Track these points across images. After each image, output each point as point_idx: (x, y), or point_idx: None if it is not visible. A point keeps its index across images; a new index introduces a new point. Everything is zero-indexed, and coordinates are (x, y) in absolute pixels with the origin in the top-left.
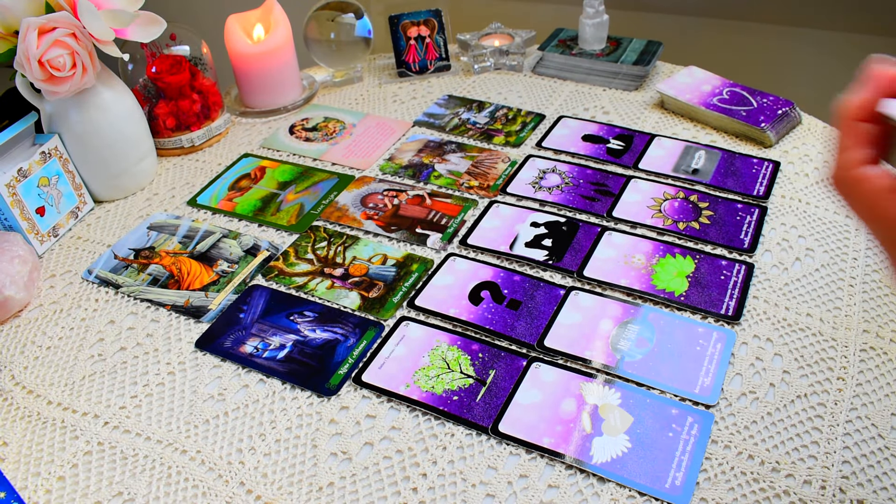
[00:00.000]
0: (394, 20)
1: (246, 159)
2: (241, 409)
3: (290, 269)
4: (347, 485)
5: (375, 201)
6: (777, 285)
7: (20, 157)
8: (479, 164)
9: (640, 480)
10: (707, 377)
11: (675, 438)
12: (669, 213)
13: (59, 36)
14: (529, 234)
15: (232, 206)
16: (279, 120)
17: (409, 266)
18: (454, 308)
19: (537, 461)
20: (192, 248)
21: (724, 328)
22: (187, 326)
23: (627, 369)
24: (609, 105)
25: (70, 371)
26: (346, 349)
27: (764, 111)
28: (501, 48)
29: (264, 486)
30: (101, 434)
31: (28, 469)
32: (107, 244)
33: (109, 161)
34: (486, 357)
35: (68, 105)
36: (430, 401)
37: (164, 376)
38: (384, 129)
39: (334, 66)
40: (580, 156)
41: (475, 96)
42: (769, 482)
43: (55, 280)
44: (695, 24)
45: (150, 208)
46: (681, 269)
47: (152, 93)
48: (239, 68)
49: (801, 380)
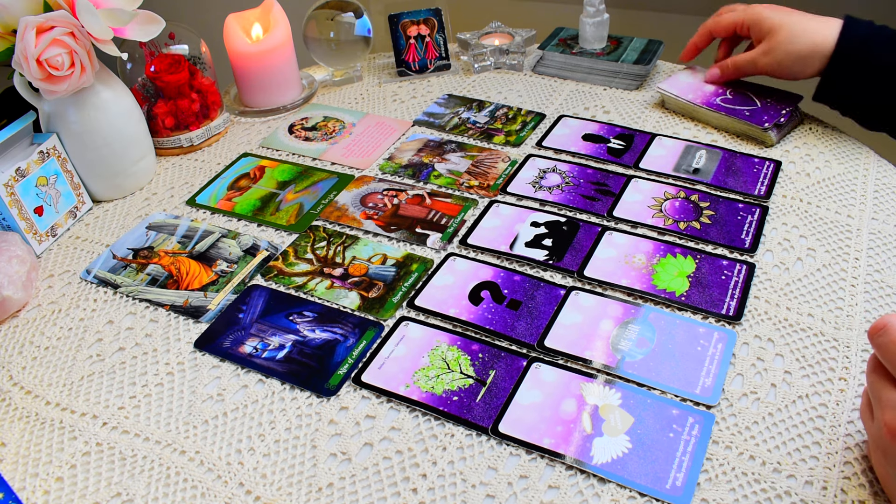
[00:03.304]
0: (393, 19)
1: (245, 159)
2: (241, 409)
3: (290, 269)
4: (347, 485)
5: (375, 201)
6: (778, 285)
7: (18, 156)
8: (479, 163)
9: (640, 481)
10: (708, 377)
11: (675, 439)
12: (670, 212)
13: (58, 35)
14: (530, 233)
15: (231, 205)
16: (278, 119)
17: (409, 266)
18: (454, 308)
19: (537, 462)
20: (191, 248)
21: (725, 328)
22: (186, 326)
23: (628, 369)
24: (609, 104)
25: (68, 371)
26: (345, 349)
27: (768, 111)
28: (501, 47)
29: (264, 487)
30: (100, 434)
31: (26, 470)
32: (105, 244)
33: (108, 160)
34: (486, 357)
35: (67, 104)
36: (429, 401)
37: (162, 377)
38: (384, 128)
39: (334, 65)
40: (581, 155)
41: (475, 95)
42: (770, 483)
43: (53, 280)
44: (696, 23)
45: (148, 208)
46: (681, 269)
47: (151, 92)
48: (238, 67)
49: (802, 380)
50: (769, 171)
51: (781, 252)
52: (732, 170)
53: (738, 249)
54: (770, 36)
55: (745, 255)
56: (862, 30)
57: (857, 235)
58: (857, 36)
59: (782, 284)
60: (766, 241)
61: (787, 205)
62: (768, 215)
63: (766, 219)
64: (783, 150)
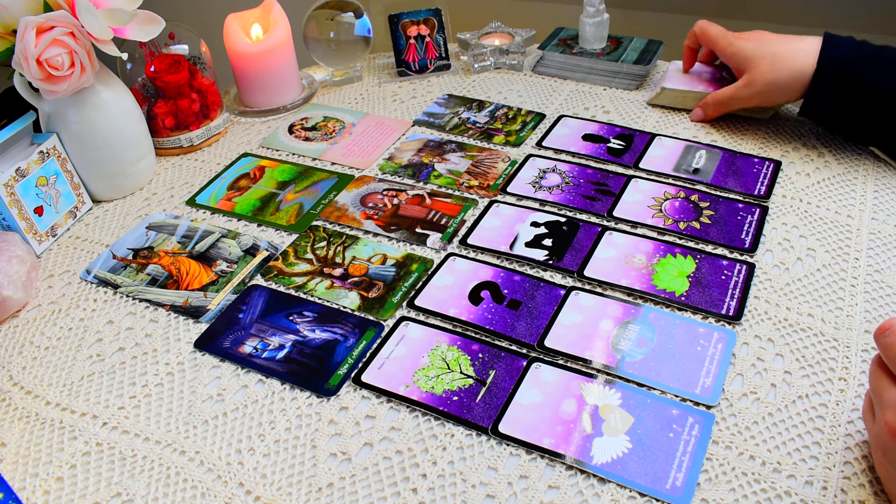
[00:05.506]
0: (393, 19)
1: (245, 159)
2: (241, 409)
3: (290, 269)
4: (347, 485)
5: (375, 201)
6: (778, 285)
7: (18, 156)
8: (479, 163)
9: (640, 481)
10: (708, 377)
11: (675, 439)
12: (670, 212)
13: (58, 35)
14: (529, 233)
15: (231, 205)
16: (278, 119)
17: (409, 266)
18: (454, 308)
19: (537, 462)
20: (190, 248)
21: (724, 328)
22: (186, 326)
23: (628, 369)
24: (609, 104)
25: (68, 371)
26: (345, 349)
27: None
28: (501, 47)
29: (263, 487)
30: (100, 435)
31: (26, 470)
32: (105, 244)
33: (108, 160)
34: (486, 357)
35: (67, 104)
36: (429, 401)
37: (162, 377)
38: (384, 128)
39: (334, 65)
40: (580, 155)
41: (475, 95)
42: (770, 483)
43: (53, 280)
44: (696, 23)
45: (148, 208)
46: (681, 269)
47: (151, 92)
48: (238, 67)
49: (802, 380)
50: (769, 171)
51: (781, 252)
52: (732, 170)
53: (738, 249)
54: (750, 68)
55: (745, 255)
56: (842, 49)
57: (857, 235)
58: (837, 56)
59: (782, 284)
60: (766, 241)
61: (787, 205)
62: (768, 215)
63: (766, 219)
64: (783, 150)
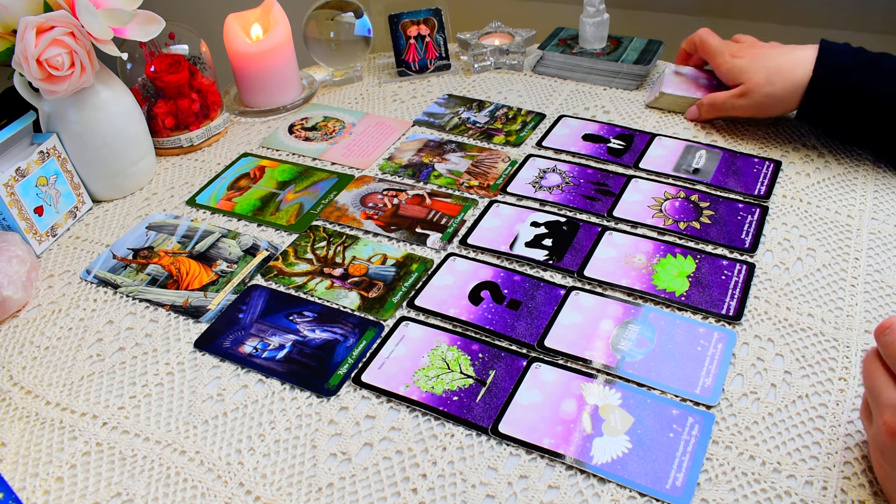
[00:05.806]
0: (393, 19)
1: (245, 159)
2: (241, 409)
3: (290, 269)
4: (347, 485)
5: (375, 201)
6: (778, 285)
7: (18, 156)
8: (479, 163)
9: (640, 481)
10: (708, 377)
11: (675, 439)
12: (670, 212)
13: (58, 35)
14: (529, 233)
15: (231, 205)
16: (278, 119)
17: (409, 266)
18: (454, 308)
19: (537, 462)
20: (190, 248)
21: (724, 328)
22: (186, 326)
23: (628, 369)
24: (609, 104)
25: (68, 371)
26: (345, 349)
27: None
28: (501, 47)
29: (263, 487)
30: (100, 434)
31: (26, 470)
32: (105, 244)
33: (108, 160)
34: (486, 357)
35: (67, 104)
36: (429, 401)
37: (162, 377)
38: (384, 128)
39: (334, 65)
40: (580, 155)
41: (475, 95)
42: (770, 483)
43: (53, 280)
44: (696, 23)
45: (148, 208)
46: (681, 269)
47: (151, 92)
48: (238, 67)
49: (802, 380)
50: (769, 171)
51: (781, 252)
52: (732, 170)
53: (738, 249)
54: (746, 81)
55: (745, 255)
56: (838, 56)
57: (857, 235)
58: (833, 63)
59: (782, 284)
60: (766, 241)
61: (787, 205)
62: (768, 215)
63: (766, 219)
64: (783, 150)
